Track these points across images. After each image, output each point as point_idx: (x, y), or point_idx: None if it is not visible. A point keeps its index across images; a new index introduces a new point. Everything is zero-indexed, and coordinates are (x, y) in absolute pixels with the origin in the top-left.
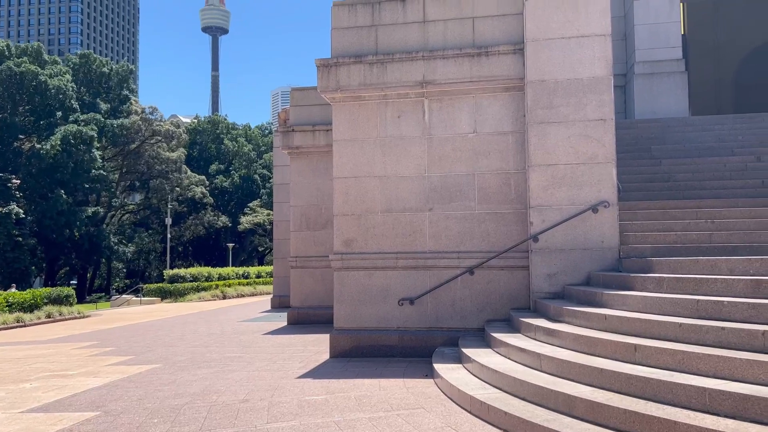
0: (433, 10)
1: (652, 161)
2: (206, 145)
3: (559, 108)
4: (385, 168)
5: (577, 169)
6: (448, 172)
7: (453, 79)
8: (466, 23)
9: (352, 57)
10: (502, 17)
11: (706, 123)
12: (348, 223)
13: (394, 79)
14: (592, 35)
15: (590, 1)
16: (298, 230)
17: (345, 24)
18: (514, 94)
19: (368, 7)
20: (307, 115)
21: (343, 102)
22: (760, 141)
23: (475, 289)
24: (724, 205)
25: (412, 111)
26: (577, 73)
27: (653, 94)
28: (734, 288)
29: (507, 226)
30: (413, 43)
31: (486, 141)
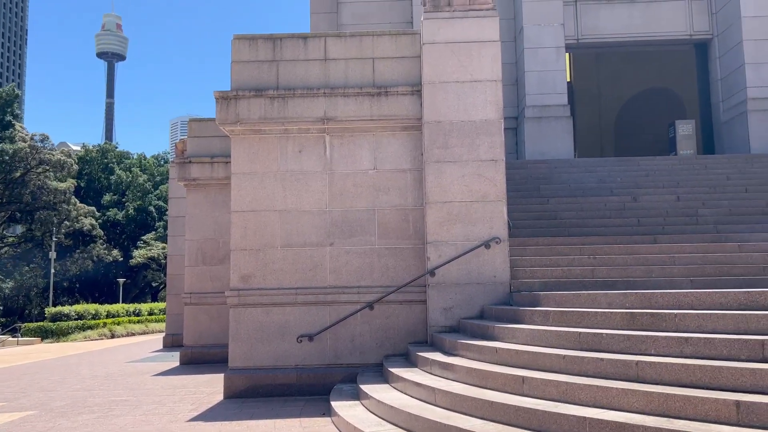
0: (335, 49)
1: (540, 200)
2: (96, 175)
3: (454, 148)
4: (285, 202)
5: (471, 207)
6: (349, 207)
7: (354, 117)
8: (366, 63)
9: (253, 90)
10: (401, 59)
11: (589, 165)
12: (246, 258)
13: (296, 114)
14: (484, 80)
15: (483, 48)
16: (194, 265)
17: (246, 57)
18: (412, 134)
19: (270, 42)
20: (206, 146)
21: (243, 135)
22: (636, 183)
23: (374, 324)
24: (604, 242)
25: (314, 146)
26: (471, 116)
27: (542, 136)
28: (612, 321)
29: (406, 260)
30: (315, 80)
31: (386, 177)
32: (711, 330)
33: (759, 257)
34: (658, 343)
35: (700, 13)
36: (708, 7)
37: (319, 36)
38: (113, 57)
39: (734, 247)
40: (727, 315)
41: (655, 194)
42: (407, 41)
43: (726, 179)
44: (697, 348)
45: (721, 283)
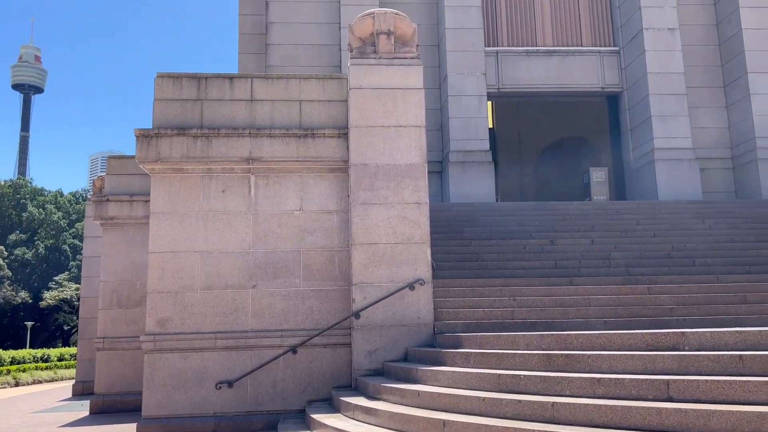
0: (262, 90)
1: (464, 242)
2: (6, 212)
3: (380, 191)
4: (207, 243)
5: (396, 249)
6: (274, 248)
7: (280, 158)
8: (293, 105)
9: (176, 129)
10: (329, 102)
11: (510, 209)
12: (163, 300)
13: (220, 153)
14: (409, 126)
15: (407, 95)
16: (108, 308)
17: (169, 96)
18: (339, 175)
19: (194, 81)
20: (126, 184)
21: (164, 174)
22: (553, 227)
23: (297, 368)
24: (524, 283)
25: (238, 186)
26: (396, 159)
27: (466, 180)
28: (530, 362)
29: (331, 303)
30: (240, 120)
31: (312, 219)
32: (621, 370)
33: (666, 299)
34: (572, 384)
35: (610, 68)
36: (618, 63)
37: (245, 77)
38: (30, 89)
39: (644, 290)
40: (636, 356)
41: (571, 238)
42: (335, 85)
43: (636, 224)
44: (608, 388)
45: (632, 324)
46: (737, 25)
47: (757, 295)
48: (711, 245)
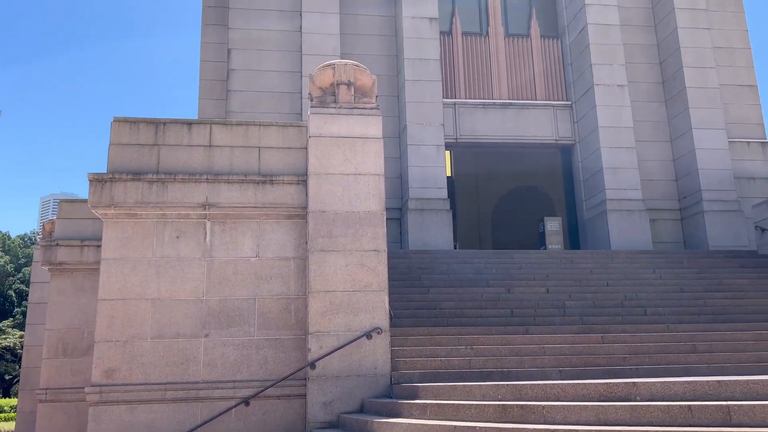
0: (221, 136)
1: (422, 289)
2: None
3: (338, 238)
4: (159, 290)
5: (353, 296)
6: (229, 295)
7: (237, 204)
8: (252, 152)
9: (131, 174)
10: (288, 150)
11: (467, 256)
12: (111, 350)
13: (175, 199)
14: (368, 174)
15: (367, 144)
16: (53, 357)
17: (126, 140)
18: (297, 222)
19: (152, 126)
20: (77, 228)
21: (117, 219)
22: (510, 275)
23: (250, 421)
24: (481, 332)
25: (193, 232)
26: (355, 207)
27: (424, 228)
28: (485, 413)
29: (286, 352)
30: (198, 166)
31: (269, 265)
32: (575, 421)
33: (619, 347)
34: None
35: (564, 121)
36: (571, 116)
37: (204, 123)
38: None
39: (598, 338)
40: (589, 406)
41: (527, 286)
42: (294, 133)
43: (590, 273)
44: None
45: (586, 373)
46: (681, 83)
47: (706, 344)
48: (661, 294)
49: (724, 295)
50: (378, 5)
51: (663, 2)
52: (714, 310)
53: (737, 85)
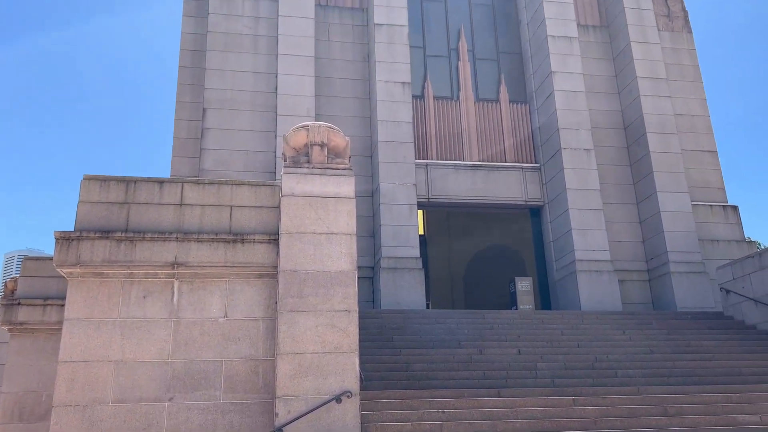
0: (192, 194)
1: (393, 350)
2: None
3: (309, 298)
4: (123, 352)
5: (323, 359)
6: (195, 357)
7: (207, 263)
8: (224, 210)
9: (99, 232)
10: (260, 208)
11: (440, 316)
12: (70, 415)
13: (144, 258)
14: (340, 233)
15: (339, 204)
16: (8, 422)
17: (95, 198)
18: (267, 281)
19: (123, 184)
20: (41, 287)
21: (83, 278)
22: (482, 335)
23: None
24: (453, 395)
25: (161, 292)
26: (327, 266)
27: (396, 287)
28: None
29: (253, 417)
30: (168, 224)
31: (237, 326)
32: None
33: (591, 411)
34: None
35: (533, 182)
36: (540, 178)
37: (176, 181)
38: None
39: (569, 401)
40: None
41: (499, 347)
42: (267, 192)
43: (561, 334)
44: None
45: None
46: (645, 148)
47: (676, 407)
48: (632, 356)
49: (693, 357)
50: (353, 69)
51: (626, 71)
52: (683, 372)
53: (698, 151)
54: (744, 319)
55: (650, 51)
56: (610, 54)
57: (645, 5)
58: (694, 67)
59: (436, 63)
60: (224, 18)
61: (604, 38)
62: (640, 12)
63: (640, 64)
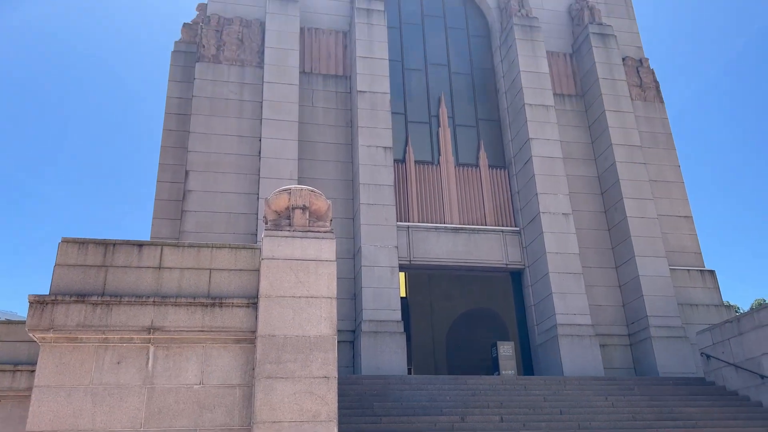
0: (171, 257)
1: (374, 418)
2: None
3: (287, 364)
4: (94, 421)
5: (300, 427)
6: (168, 426)
7: (184, 327)
8: (203, 274)
9: (75, 296)
10: (240, 272)
11: (421, 382)
12: None
13: (119, 322)
14: (320, 297)
15: (320, 267)
16: None
17: (72, 261)
18: (245, 347)
19: (101, 247)
20: (11, 352)
21: (55, 343)
22: (464, 402)
23: None
24: None
25: (135, 357)
26: (306, 331)
27: (377, 351)
28: None
29: None
30: (145, 288)
31: (213, 394)
32: None
33: None
34: None
35: (513, 245)
36: (520, 242)
37: (155, 244)
38: None
39: None
40: None
41: (481, 414)
42: (247, 255)
43: (543, 400)
44: None
45: None
46: (623, 213)
47: None
48: (614, 423)
49: (676, 425)
50: (335, 134)
51: (601, 138)
52: None
53: (674, 216)
54: (725, 384)
55: (624, 119)
56: (585, 122)
57: (618, 76)
58: (667, 135)
59: (417, 128)
60: (210, 83)
61: (580, 107)
62: (614, 82)
63: (615, 131)
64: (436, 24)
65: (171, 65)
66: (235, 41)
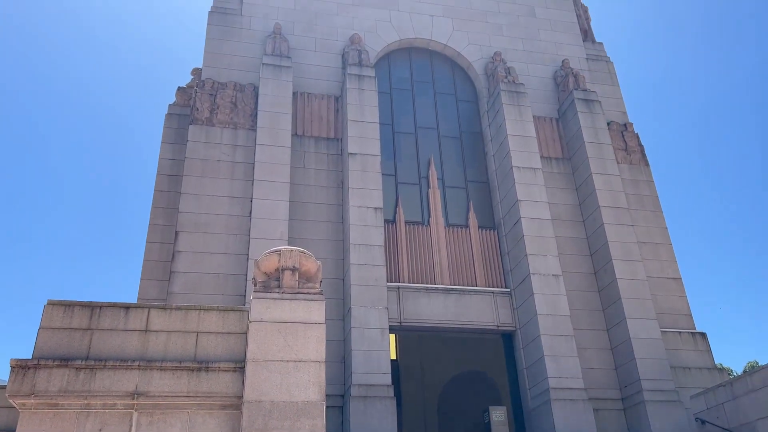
0: (158, 320)
1: None
2: None
3: (274, 431)
4: None
5: None
6: None
7: (169, 393)
8: (190, 337)
9: (58, 360)
10: (227, 335)
11: None
12: None
13: (103, 387)
14: (309, 361)
15: (309, 330)
16: None
17: (57, 324)
18: (231, 413)
19: (87, 310)
20: None
21: (36, 410)
22: None
23: None
24: None
25: (118, 424)
26: (293, 396)
27: (367, 416)
28: None
29: None
30: (131, 351)
31: None
32: None
33: None
34: None
35: (504, 307)
36: (511, 303)
37: (142, 307)
38: None
39: None
40: None
41: None
42: (235, 318)
43: None
44: None
45: None
46: (612, 275)
47: None
48: None
49: None
50: (326, 195)
51: (589, 201)
52: None
53: (664, 278)
54: None
55: (611, 182)
56: (573, 184)
57: (604, 140)
58: (654, 198)
59: (407, 190)
60: (203, 145)
61: (567, 169)
62: (600, 146)
63: (602, 194)
64: (426, 89)
65: (164, 127)
66: (228, 104)
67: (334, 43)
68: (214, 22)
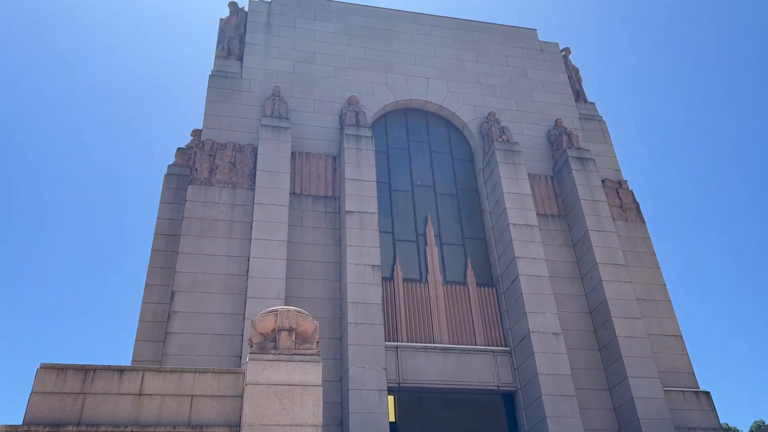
0: (153, 383)
1: None
2: None
3: None
4: None
5: None
6: None
7: None
8: (184, 400)
9: (49, 426)
10: (222, 398)
11: None
12: None
13: None
14: (305, 425)
15: (305, 392)
16: None
17: (50, 388)
18: None
19: (81, 373)
20: None
21: None
22: None
23: None
24: None
25: None
26: None
27: None
28: None
29: None
30: (124, 416)
31: None
32: None
33: None
34: None
35: (504, 366)
36: (511, 362)
37: (137, 370)
38: None
39: None
40: None
41: None
42: (230, 380)
43: None
44: None
45: None
46: (612, 332)
47: None
48: None
49: None
50: (324, 253)
51: (586, 257)
52: None
53: (664, 335)
54: None
55: (607, 239)
56: (569, 241)
57: (599, 197)
58: (651, 254)
59: (405, 247)
60: (201, 205)
61: (563, 226)
62: (595, 203)
63: (599, 251)
64: (422, 148)
65: (163, 187)
66: (227, 165)
67: (332, 105)
68: (215, 85)
